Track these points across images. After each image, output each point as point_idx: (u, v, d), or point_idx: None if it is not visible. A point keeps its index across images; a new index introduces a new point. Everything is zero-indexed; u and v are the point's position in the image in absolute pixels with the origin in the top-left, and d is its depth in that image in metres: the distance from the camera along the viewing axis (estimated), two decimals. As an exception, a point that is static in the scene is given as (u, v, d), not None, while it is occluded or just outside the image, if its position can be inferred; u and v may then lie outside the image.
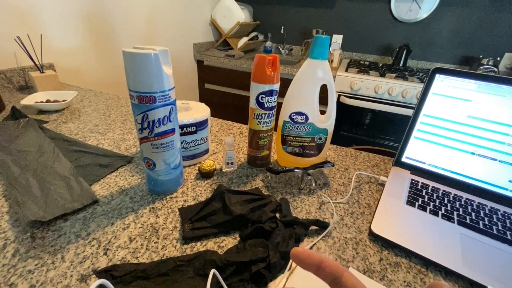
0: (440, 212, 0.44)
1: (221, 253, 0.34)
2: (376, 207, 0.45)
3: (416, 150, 0.55)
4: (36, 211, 0.39)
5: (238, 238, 0.37)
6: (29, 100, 0.76)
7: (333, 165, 0.49)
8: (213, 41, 2.01)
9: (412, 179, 0.52)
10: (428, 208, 0.45)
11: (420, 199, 0.47)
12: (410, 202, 0.46)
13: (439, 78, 0.51)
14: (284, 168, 0.49)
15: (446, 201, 0.47)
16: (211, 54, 1.82)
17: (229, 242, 0.37)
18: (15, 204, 0.40)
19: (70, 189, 0.44)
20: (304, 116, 0.48)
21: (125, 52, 0.35)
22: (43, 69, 0.91)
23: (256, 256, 0.31)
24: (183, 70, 1.79)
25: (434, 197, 0.48)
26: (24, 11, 0.89)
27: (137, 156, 0.56)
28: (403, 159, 0.56)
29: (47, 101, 0.79)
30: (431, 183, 0.52)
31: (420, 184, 0.51)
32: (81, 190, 0.44)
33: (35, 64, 0.89)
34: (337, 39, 1.89)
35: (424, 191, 0.49)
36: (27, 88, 0.93)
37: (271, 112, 0.49)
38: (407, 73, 1.58)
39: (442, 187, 0.51)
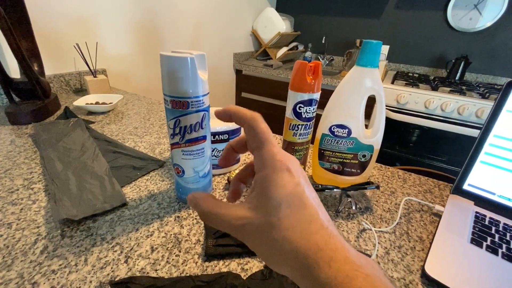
0: (517, 258, 0.36)
1: (244, 277, 0.31)
2: (431, 243, 0.37)
3: (483, 177, 0.46)
4: (69, 208, 0.39)
5: (264, 262, 0.34)
6: (80, 101, 0.82)
7: (378, 188, 0.43)
8: (252, 51, 2.04)
9: (477, 212, 0.44)
10: (501, 251, 0.36)
11: (489, 239, 0.38)
12: (476, 241, 0.38)
13: (516, 93, 0.43)
14: (319, 186, 0.44)
15: (525, 245, 0.38)
16: (250, 63, 1.84)
17: (254, 265, 0.33)
18: (52, 200, 0.41)
19: (103, 190, 0.45)
20: (347, 130, 0.43)
21: (162, 55, 0.34)
22: (96, 74, 0.99)
23: (284, 289, 0.27)
24: (222, 78, 1.83)
25: (508, 238, 0.39)
26: (86, 21, 0.98)
27: (169, 161, 0.56)
28: (465, 187, 0.47)
29: (96, 103, 0.84)
30: (503, 219, 0.42)
31: (487, 219, 0.42)
32: (113, 191, 0.44)
33: (90, 69, 0.97)
34: (383, 49, 1.78)
35: (493, 228, 0.40)
36: (82, 91, 1.02)
37: (308, 123, 0.45)
38: (464, 87, 1.41)
39: (518, 226, 0.41)
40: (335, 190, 0.43)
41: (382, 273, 0.17)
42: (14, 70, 0.80)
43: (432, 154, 1.43)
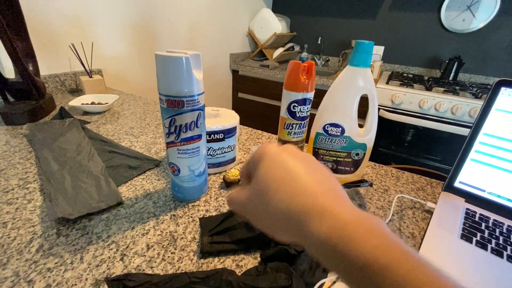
0: (505, 253, 0.37)
1: (239, 274, 0.31)
2: (422, 239, 0.38)
3: (473, 175, 0.47)
4: (65, 207, 0.40)
5: (259, 259, 0.34)
6: (76, 101, 0.82)
7: (371, 185, 0.44)
8: (249, 51, 2.05)
9: (467, 209, 0.45)
10: (490, 246, 0.37)
11: (479, 234, 0.39)
12: (466, 236, 0.39)
13: (505, 92, 0.44)
14: (314, 184, 0.44)
15: (513, 240, 0.39)
16: (246, 64, 1.85)
17: (248, 261, 0.34)
18: (48, 199, 0.41)
19: (99, 189, 0.45)
20: (340, 129, 0.44)
21: (157, 55, 0.35)
22: (92, 74, 0.99)
23: (277, 284, 0.27)
24: (219, 79, 1.84)
25: (497, 233, 0.40)
26: (81, 21, 0.98)
27: (165, 161, 0.56)
28: (456, 184, 0.48)
29: (92, 103, 0.84)
30: (492, 215, 0.43)
31: (478, 215, 0.43)
32: (109, 190, 0.45)
33: (85, 69, 0.96)
34: (378, 50, 1.80)
35: (483, 224, 0.41)
36: (77, 91, 1.01)
37: (303, 122, 0.46)
38: (458, 87, 1.43)
39: (507, 222, 0.42)
40: (329, 188, 0.44)
41: (382, 225, 0.17)
42: (8, 70, 0.80)
43: (427, 153, 1.44)
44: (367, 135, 0.45)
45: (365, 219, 0.17)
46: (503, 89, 0.44)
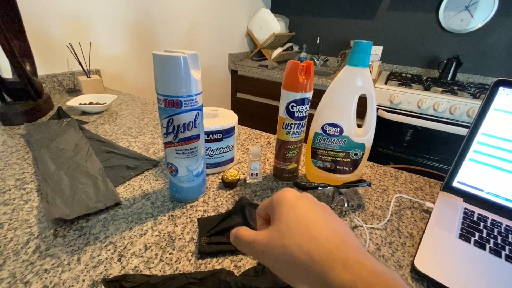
0: (503, 253, 0.37)
1: (237, 274, 0.31)
2: (421, 239, 0.38)
3: (472, 175, 0.47)
4: (62, 208, 0.39)
5: (257, 259, 0.34)
6: (74, 101, 0.82)
7: (369, 185, 0.44)
8: (248, 51, 2.05)
9: (465, 209, 0.45)
10: (488, 246, 0.37)
11: (477, 234, 0.39)
12: (464, 236, 0.39)
13: (503, 92, 0.44)
14: (313, 184, 0.44)
15: (511, 239, 0.39)
16: (245, 64, 1.84)
17: (247, 262, 0.34)
18: (45, 200, 0.41)
19: (96, 189, 0.45)
20: (339, 128, 0.44)
21: (155, 55, 0.35)
22: (90, 74, 0.98)
23: (276, 284, 0.27)
24: (217, 79, 1.83)
25: (495, 233, 0.40)
26: (79, 21, 0.98)
27: (163, 161, 0.56)
28: (454, 184, 0.48)
29: (90, 103, 0.84)
30: (491, 215, 0.43)
31: (476, 215, 0.43)
32: (106, 191, 0.44)
33: (83, 69, 0.96)
34: (376, 50, 1.80)
35: (482, 224, 0.41)
36: (75, 91, 1.01)
37: (301, 122, 0.46)
38: (456, 87, 1.43)
39: (505, 221, 0.42)
40: (328, 188, 0.44)
41: (402, 281, 0.17)
42: (6, 70, 0.79)
43: (425, 153, 1.44)
44: (365, 135, 0.45)
45: (385, 269, 0.17)
46: (501, 89, 0.44)
